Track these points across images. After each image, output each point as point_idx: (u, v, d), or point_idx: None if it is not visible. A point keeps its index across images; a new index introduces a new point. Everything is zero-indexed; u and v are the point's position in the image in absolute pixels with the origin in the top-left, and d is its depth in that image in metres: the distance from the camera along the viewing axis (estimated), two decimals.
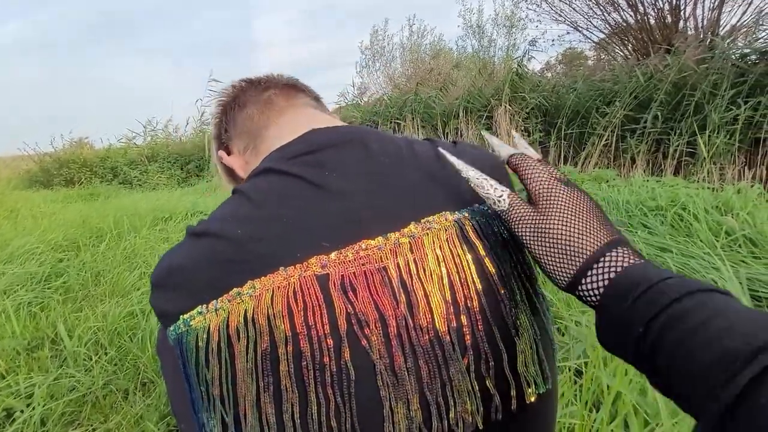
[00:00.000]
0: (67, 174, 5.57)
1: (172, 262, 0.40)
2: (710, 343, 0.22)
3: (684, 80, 3.35)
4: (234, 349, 0.35)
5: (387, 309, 0.34)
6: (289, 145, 0.44)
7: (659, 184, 2.22)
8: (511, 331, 0.36)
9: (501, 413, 0.35)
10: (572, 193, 0.36)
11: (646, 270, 0.28)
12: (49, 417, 0.89)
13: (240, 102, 0.58)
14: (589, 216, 0.34)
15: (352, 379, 0.33)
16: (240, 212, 0.38)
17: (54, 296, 1.51)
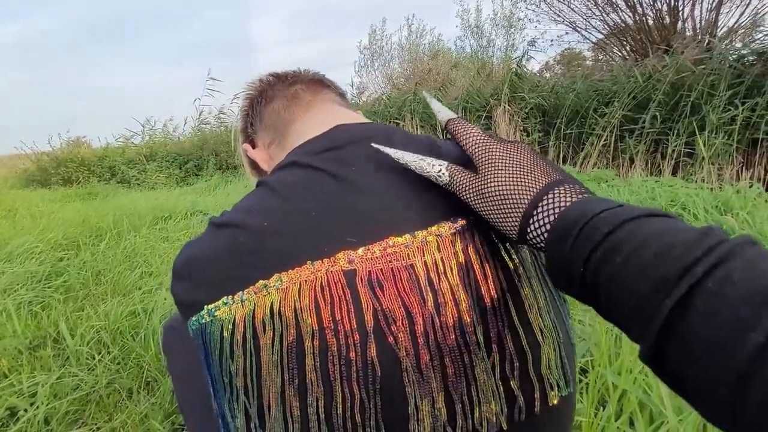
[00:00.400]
0: (65, 173, 5.53)
1: (195, 252, 0.40)
2: (641, 273, 0.22)
3: (682, 81, 3.37)
4: (259, 340, 0.35)
5: (414, 306, 0.34)
6: (315, 140, 0.44)
7: (658, 183, 2.23)
8: (536, 332, 0.36)
9: (524, 414, 0.35)
10: (507, 147, 0.36)
11: (584, 206, 0.28)
12: (53, 416, 0.89)
13: (267, 96, 0.58)
14: (525, 165, 0.34)
15: (378, 375, 0.33)
16: (265, 205, 0.38)
17: (55, 295, 1.50)
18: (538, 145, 4.30)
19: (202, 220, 2.71)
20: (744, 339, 0.18)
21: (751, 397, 0.17)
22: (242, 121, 0.65)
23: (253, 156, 0.61)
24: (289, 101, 0.58)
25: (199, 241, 0.41)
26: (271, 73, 0.65)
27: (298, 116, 0.55)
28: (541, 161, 0.35)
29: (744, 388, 0.18)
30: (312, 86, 0.60)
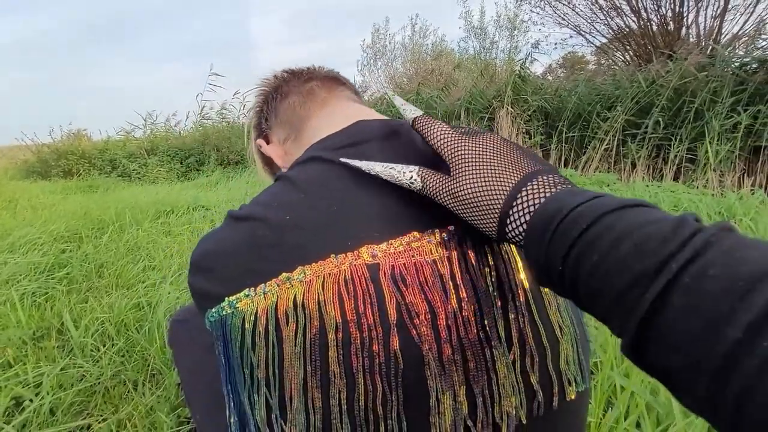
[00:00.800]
0: (66, 165, 5.51)
1: (215, 245, 0.40)
2: (619, 268, 0.22)
3: (685, 87, 3.38)
4: (282, 332, 0.35)
5: (436, 301, 0.34)
6: (335, 136, 0.44)
7: (660, 188, 2.24)
8: (555, 329, 0.36)
9: (543, 409, 0.35)
10: (476, 142, 0.35)
11: (560, 200, 0.27)
12: (58, 407, 0.89)
13: (282, 92, 0.58)
14: (497, 160, 0.33)
15: (401, 368, 0.33)
16: (286, 199, 0.39)
17: (58, 287, 1.50)
18: (540, 147, 4.31)
19: (204, 215, 2.71)
20: (720, 334, 0.18)
21: (730, 391, 0.18)
22: (256, 116, 0.65)
23: (268, 152, 0.62)
24: (304, 97, 0.58)
25: (218, 233, 0.42)
26: (285, 69, 0.65)
27: (314, 112, 0.56)
28: (514, 152, 0.34)
29: (722, 382, 0.18)
30: (327, 83, 0.60)
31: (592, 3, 5.56)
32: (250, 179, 4.24)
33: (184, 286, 1.42)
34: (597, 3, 5.46)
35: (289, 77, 0.61)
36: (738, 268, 0.19)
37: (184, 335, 0.83)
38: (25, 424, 0.85)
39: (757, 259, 0.19)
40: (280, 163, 0.59)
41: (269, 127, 0.61)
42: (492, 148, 0.34)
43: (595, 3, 5.50)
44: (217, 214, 2.73)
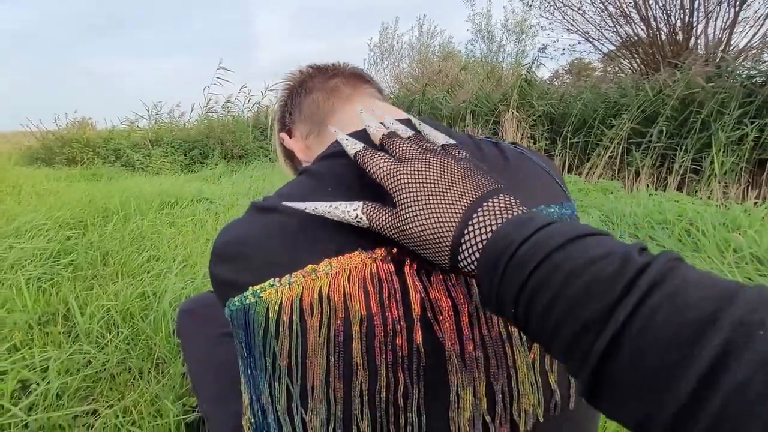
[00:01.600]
0: (70, 153, 5.51)
1: (239, 234, 0.41)
2: (569, 313, 0.21)
3: (692, 97, 3.38)
4: (306, 323, 0.36)
5: (460, 298, 0.35)
6: (361, 133, 0.45)
7: (664, 198, 2.24)
8: None
9: (559, 408, 0.36)
10: (417, 171, 0.33)
11: (507, 236, 0.26)
12: (64, 391, 0.89)
13: (306, 87, 0.59)
14: (441, 190, 0.31)
15: (423, 363, 0.34)
16: (311, 192, 0.39)
17: (63, 273, 1.50)
18: (545, 153, 4.32)
19: (209, 207, 2.72)
20: (672, 388, 0.17)
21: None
22: (280, 110, 0.66)
23: (290, 146, 0.62)
24: (328, 93, 0.59)
25: (242, 224, 0.42)
26: (310, 65, 0.66)
27: (338, 108, 0.56)
28: (458, 175, 0.32)
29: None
30: (352, 80, 0.61)
31: (601, 10, 5.57)
32: (253, 173, 4.24)
33: (189, 277, 1.43)
34: (606, 10, 5.47)
35: (314, 73, 0.62)
36: (685, 313, 0.18)
37: (191, 325, 0.83)
38: (32, 407, 0.86)
39: (703, 302, 0.18)
40: (301, 157, 0.60)
41: (292, 121, 0.62)
42: (435, 175, 0.32)
43: (605, 10, 5.51)
44: (221, 207, 2.74)
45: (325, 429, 0.35)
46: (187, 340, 0.82)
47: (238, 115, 6.21)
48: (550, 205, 0.41)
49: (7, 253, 1.62)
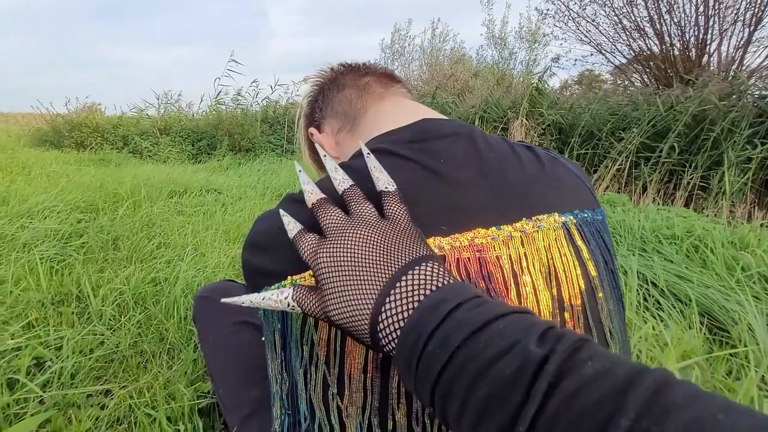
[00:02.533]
0: (78, 137, 5.54)
1: (276, 222, 0.41)
2: (479, 416, 0.22)
3: (704, 114, 3.38)
4: None
5: (498, 296, 0.36)
6: (401, 131, 0.46)
7: (672, 213, 2.25)
8: (606, 332, 0.38)
9: None
10: (334, 252, 0.33)
11: (417, 329, 0.26)
12: (78, 370, 0.91)
13: (338, 84, 0.60)
14: (356, 272, 0.31)
15: None
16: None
17: (75, 255, 1.52)
18: None
19: (216, 198, 2.74)
20: None
21: None
22: (308, 106, 0.67)
23: (319, 140, 0.63)
24: (361, 91, 0.60)
25: (278, 215, 0.43)
26: (342, 63, 0.67)
27: (371, 106, 0.57)
28: (379, 248, 0.32)
29: None
30: (383, 79, 0.62)
31: (615, 23, 5.58)
32: (261, 167, 4.26)
33: (201, 266, 1.44)
34: (621, 23, 5.47)
35: (345, 70, 0.63)
36: (581, 423, 0.19)
37: (208, 312, 0.84)
38: (45, 384, 0.87)
39: (597, 408, 0.19)
40: (331, 153, 0.61)
41: (323, 116, 0.63)
42: (352, 255, 0.32)
43: (619, 23, 5.52)
44: (229, 198, 2.75)
45: (360, 418, 0.36)
46: (204, 327, 0.83)
47: (247, 109, 6.23)
48: (584, 210, 0.42)
49: (20, 232, 1.63)
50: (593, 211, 0.43)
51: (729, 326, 1.12)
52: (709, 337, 1.12)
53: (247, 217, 2.24)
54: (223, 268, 1.47)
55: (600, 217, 0.44)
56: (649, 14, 5.07)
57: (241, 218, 2.21)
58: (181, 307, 1.15)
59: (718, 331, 1.15)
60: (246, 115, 6.04)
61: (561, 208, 0.40)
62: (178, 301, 1.17)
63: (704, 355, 0.96)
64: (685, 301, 1.26)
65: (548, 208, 0.40)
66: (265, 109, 6.32)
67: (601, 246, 0.41)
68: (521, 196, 0.40)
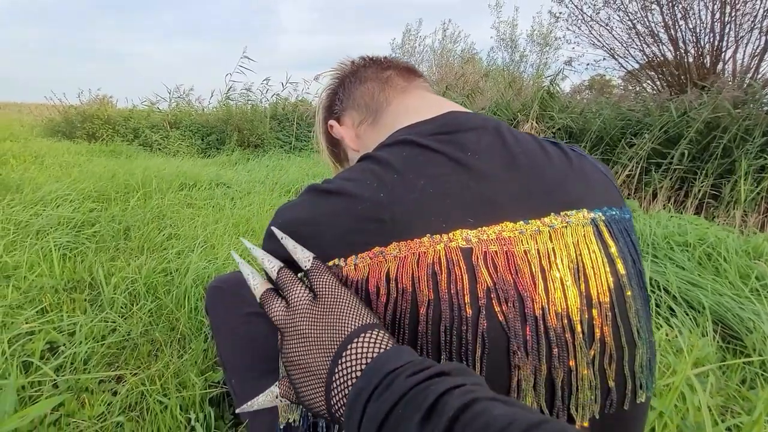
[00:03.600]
0: (90, 128, 5.60)
1: (301, 215, 0.42)
2: None
3: (717, 121, 3.34)
4: (372, 303, 0.36)
5: (525, 290, 0.35)
6: (427, 123, 0.46)
7: (684, 220, 2.22)
8: (633, 331, 0.38)
9: (615, 408, 0.37)
10: (287, 348, 0.36)
11: (349, 416, 0.29)
12: (91, 356, 0.92)
13: (360, 77, 0.60)
14: (305, 364, 0.35)
15: (486, 350, 0.35)
16: (380, 177, 0.40)
17: (87, 243, 1.53)
18: None
19: (225, 192, 2.75)
20: None
21: None
22: (328, 98, 0.67)
23: (339, 132, 0.63)
24: (383, 84, 0.60)
25: (302, 204, 0.43)
26: (363, 56, 0.67)
27: (394, 99, 0.57)
28: (313, 343, 0.35)
29: None
30: (405, 73, 0.62)
31: (629, 28, 5.52)
32: (270, 163, 4.27)
33: (211, 258, 1.45)
34: (635, 28, 5.42)
35: (367, 63, 0.63)
36: None
37: (221, 302, 0.85)
38: (58, 369, 0.88)
39: None
40: (352, 145, 0.61)
41: (343, 108, 0.63)
42: (298, 349, 0.36)
43: (633, 28, 5.46)
44: (238, 192, 2.77)
45: None
46: (217, 316, 0.83)
47: (257, 105, 6.25)
48: (612, 207, 0.42)
49: (33, 219, 1.65)
50: (620, 209, 0.43)
51: (743, 335, 1.10)
52: (722, 345, 1.11)
53: (256, 212, 2.25)
54: (233, 261, 1.47)
55: (627, 215, 0.43)
56: (663, 20, 5.02)
57: (250, 212, 2.22)
58: (192, 297, 1.16)
59: (732, 340, 1.13)
60: (255, 111, 6.07)
61: (590, 204, 0.40)
62: (189, 292, 1.18)
63: (718, 363, 0.94)
64: (698, 308, 1.24)
65: (577, 204, 0.39)
66: (274, 106, 6.35)
67: (629, 245, 0.41)
68: (550, 191, 0.40)
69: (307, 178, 3.28)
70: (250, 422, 0.70)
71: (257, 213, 2.24)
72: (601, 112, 4.36)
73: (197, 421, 0.77)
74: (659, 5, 5.00)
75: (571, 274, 0.37)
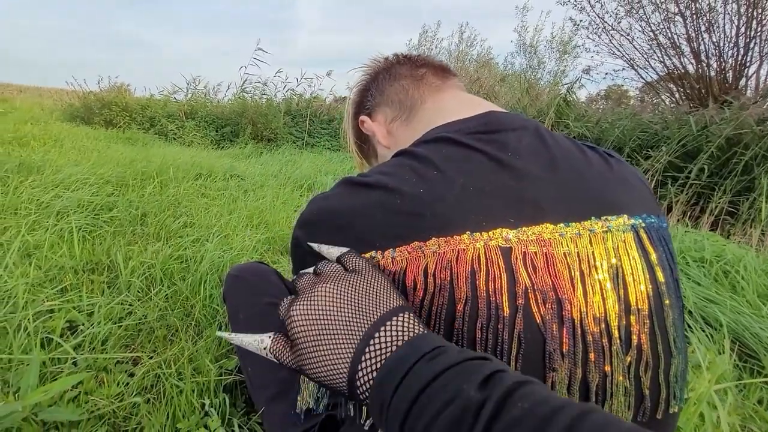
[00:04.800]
0: (108, 115, 5.69)
1: (336, 206, 0.42)
2: None
3: (739, 137, 3.28)
4: (408, 297, 0.37)
5: (564, 292, 0.35)
6: (466, 121, 0.46)
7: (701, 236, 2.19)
8: (670, 341, 0.37)
9: (647, 416, 0.36)
10: (305, 311, 0.34)
11: (382, 392, 0.28)
12: (109, 337, 0.93)
13: (393, 74, 0.60)
14: (330, 327, 0.32)
15: (522, 351, 0.34)
16: (420, 173, 0.40)
17: (105, 226, 1.56)
18: None
19: (239, 184, 2.77)
20: None
21: None
22: (359, 94, 0.67)
23: (370, 128, 0.64)
24: (418, 81, 0.60)
25: (336, 196, 0.43)
26: (396, 53, 0.67)
27: (429, 97, 0.57)
28: (344, 307, 0.33)
29: None
30: (439, 72, 0.62)
31: (650, 38, 5.45)
32: (282, 158, 4.30)
33: (226, 247, 1.46)
34: (656, 39, 5.35)
35: (401, 61, 0.63)
36: None
37: (240, 290, 0.86)
38: (77, 347, 0.90)
39: None
40: (383, 142, 0.61)
41: (375, 104, 0.63)
42: (324, 310, 0.33)
43: (654, 39, 5.39)
44: (251, 184, 2.79)
45: None
46: (234, 305, 0.84)
47: (271, 99, 6.29)
48: (651, 215, 0.41)
49: (54, 201, 1.68)
50: (658, 217, 0.42)
51: (761, 354, 1.08)
52: (738, 364, 1.09)
53: (270, 205, 2.27)
54: (248, 252, 1.49)
55: (664, 224, 0.43)
56: (687, 32, 4.94)
57: (263, 204, 2.24)
58: (208, 285, 1.17)
59: (749, 359, 1.11)
60: (270, 105, 6.11)
61: (630, 210, 0.39)
62: (204, 279, 1.19)
63: (735, 382, 0.93)
64: (715, 325, 1.22)
65: (618, 210, 0.39)
66: (288, 101, 6.38)
67: (667, 253, 0.40)
68: (590, 195, 0.39)
69: (319, 175, 3.29)
70: (265, 410, 0.70)
71: (270, 206, 2.25)
72: (619, 122, 4.31)
73: (212, 406, 0.77)
74: (683, 17, 4.93)
75: (610, 279, 0.36)
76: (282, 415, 0.67)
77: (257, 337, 0.36)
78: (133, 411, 0.76)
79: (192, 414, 0.77)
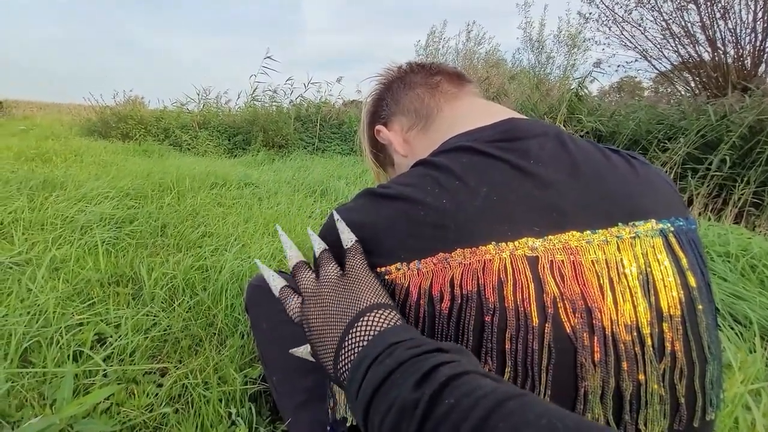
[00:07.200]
0: (124, 128, 5.84)
1: (359, 218, 0.42)
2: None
3: (762, 125, 3.18)
4: (435, 308, 0.37)
5: (593, 301, 0.35)
6: (486, 129, 0.46)
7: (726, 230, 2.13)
8: (704, 347, 0.36)
9: (684, 424, 0.36)
10: (309, 310, 0.41)
11: (353, 377, 0.32)
12: (136, 349, 0.95)
13: (408, 82, 0.60)
14: (324, 324, 0.39)
15: (552, 361, 0.34)
16: (441, 183, 0.40)
17: (127, 240, 1.60)
18: None
19: (254, 192, 2.81)
20: None
21: None
22: (374, 104, 0.68)
23: (386, 137, 0.64)
24: (433, 90, 0.60)
25: (361, 209, 0.44)
26: (409, 61, 0.67)
27: (446, 105, 0.57)
28: (333, 308, 0.39)
29: None
30: (454, 79, 0.62)
31: (663, 28, 5.33)
32: (294, 164, 4.35)
33: (245, 256, 1.48)
34: (669, 28, 5.23)
35: (415, 69, 0.64)
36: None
37: (262, 299, 0.87)
38: (106, 359, 0.92)
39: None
40: (400, 150, 0.61)
41: (391, 113, 0.63)
42: (321, 310, 0.40)
43: (667, 28, 5.27)
44: (265, 192, 2.82)
45: None
46: (257, 314, 0.85)
47: (281, 106, 6.37)
48: (679, 218, 0.41)
49: (78, 215, 1.74)
50: (686, 219, 0.41)
51: None
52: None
53: (284, 212, 2.29)
54: (266, 259, 1.51)
55: (693, 226, 0.42)
56: (701, 19, 4.82)
57: (278, 212, 2.27)
58: (229, 294, 1.19)
59: None
60: (280, 112, 6.18)
61: (658, 214, 0.39)
62: (225, 288, 1.22)
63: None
64: (745, 323, 1.18)
65: (645, 214, 0.38)
66: (298, 107, 6.45)
67: (697, 256, 0.40)
68: (615, 200, 0.39)
69: (331, 180, 3.31)
70: (292, 419, 0.71)
71: (285, 213, 2.28)
72: (634, 114, 4.22)
73: (238, 416, 0.79)
74: (696, 4, 4.80)
75: (640, 286, 0.36)
76: (310, 423, 0.68)
77: (307, 346, 0.43)
78: (163, 421, 0.78)
79: (219, 423, 0.78)
